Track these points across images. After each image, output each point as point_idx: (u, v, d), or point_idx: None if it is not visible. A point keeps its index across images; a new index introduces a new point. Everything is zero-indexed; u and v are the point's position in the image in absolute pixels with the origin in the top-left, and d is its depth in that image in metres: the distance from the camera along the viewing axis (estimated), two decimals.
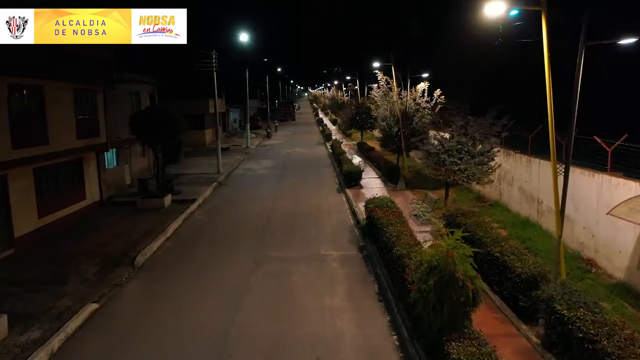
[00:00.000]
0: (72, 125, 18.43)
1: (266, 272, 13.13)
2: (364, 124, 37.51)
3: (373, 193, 22.20)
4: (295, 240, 15.90)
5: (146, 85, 27.64)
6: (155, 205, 20.63)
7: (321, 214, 19.31)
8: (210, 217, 19.54)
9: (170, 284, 12.61)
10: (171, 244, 16.06)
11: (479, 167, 13.54)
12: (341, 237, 16.04)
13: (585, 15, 8.55)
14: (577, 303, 7.68)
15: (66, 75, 17.68)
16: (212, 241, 16.18)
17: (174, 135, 20.68)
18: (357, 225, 17.38)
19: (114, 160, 23.96)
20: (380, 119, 23.78)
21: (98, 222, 18.69)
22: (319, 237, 16.24)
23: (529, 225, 15.53)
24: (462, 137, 13.65)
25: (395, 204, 14.54)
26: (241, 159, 36.12)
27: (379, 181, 25.21)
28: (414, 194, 22.02)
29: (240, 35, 30.69)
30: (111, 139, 21.82)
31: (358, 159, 33.19)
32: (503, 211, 17.67)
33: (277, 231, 17.08)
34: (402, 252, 10.48)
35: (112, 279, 12.94)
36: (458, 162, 13.41)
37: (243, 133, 51.30)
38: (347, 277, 12.68)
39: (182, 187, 24.54)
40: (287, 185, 25.76)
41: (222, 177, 27.84)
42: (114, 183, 23.42)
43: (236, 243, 15.82)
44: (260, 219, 18.67)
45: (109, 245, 15.65)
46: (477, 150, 13.54)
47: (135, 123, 20.10)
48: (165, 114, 20.40)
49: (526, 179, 16.12)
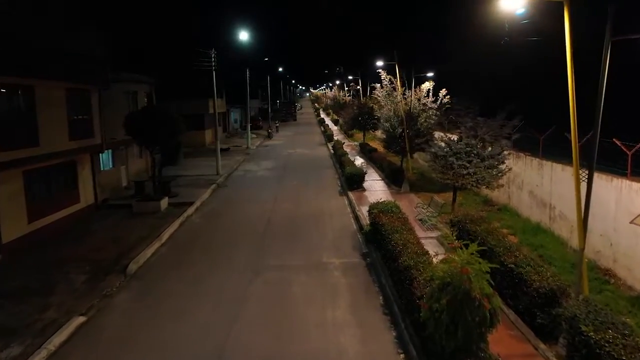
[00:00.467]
0: (64, 126, 17.76)
1: (265, 282, 12.45)
2: (366, 124, 36.81)
3: (376, 196, 21.52)
4: (296, 247, 15.22)
5: (144, 85, 26.99)
6: (151, 208, 19.98)
7: (323, 218, 18.63)
8: (207, 221, 18.87)
9: (162, 295, 11.93)
10: (166, 250, 15.39)
11: (488, 171, 12.83)
12: (343, 243, 15.36)
13: (611, 8, 7.83)
14: (605, 324, 6.98)
15: (58, 74, 17.03)
16: (208, 247, 15.50)
17: (172, 135, 20.02)
18: (360, 230, 16.69)
19: (109, 161, 23.32)
20: (384, 119, 23.08)
21: (91, 226, 18.04)
22: (320, 243, 15.56)
23: (540, 231, 14.82)
24: (471, 139, 12.92)
25: (400, 209, 13.84)
26: (241, 160, 35.45)
27: (382, 183, 24.52)
28: (418, 197, 21.34)
29: (240, 34, 30.00)
30: (106, 140, 21.17)
31: (360, 160, 32.51)
32: (512, 216, 16.97)
33: (277, 236, 16.40)
34: (409, 262, 9.79)
35: (102, 288, 12.27)
36: (467, 165, 12.70)
37: (244, 133, 50.70)
38: (350, 287, 11.99)
39: (180, 190, 23.89)
40: (287, 187, 25.08)
41: (222, 179, 27.18)
42: (109, 185, 22.78)
43: (234, 249, 15.14)
44: (259, 223, 18.00)
45: (101, 252, 14.99)
46: (487, 153, 12.82)
47: (131, 123, 19.43)
48: (162, 114, 19.74)
49: (537, 183, 15.41)
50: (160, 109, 20.16)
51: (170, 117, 19.74)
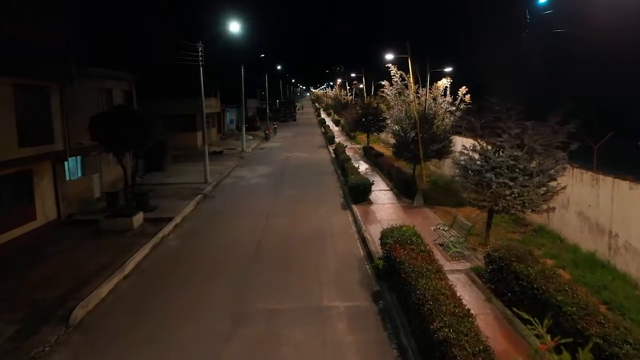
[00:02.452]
0: (12, 130, 14.77)
1: (245, 340, 9.42)
2: (371, 126, 33.73)
3: (385, 211, 18.51)
4: (290, 281, 12.22)
5: (121, 82, 23.93)
6: (122, 226, 16.99)
7: (323, 240, 15.61)
8: (185, 244, 15.85)
9: (109, 358, 8.93)
10: (127, 287, 12.37)
11: (537, 191, 9.79)
12: (349, 277, 12.34)
13: None
14: None
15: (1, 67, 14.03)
16: (180, 282, 12.49)
17: (145, 140, 17.00)
18: (368, 257, 13.70)
19: (78, 170, 20.31)
20: (394, 121, 20.03)
21: (46, 249, 15.03)
22: (320, 275, 12.54)
23: (597, 264, 11.78)
24: (515, 149, 9.84)
25: (422, 239, 10.82)
26: (234, 165, 32.43)
27: (391, 195, 21.47)
28: (433, 211, 18.31)
29: (232, 26, 26.94)
30: (71, 146, 18.19)
31: (365, 166, 29.52)
32: (553, 240, 13.93)
33: (267, 266, 13.39)
34: (447, 333, 6.77)
35: (32, 346, 9.28)
36: (510, 183, 9.66)
37: (240, 135, 47.68)
38: (359, 348, 8.97)
39: (161, 201, 20.90)
40: (283, 198, 22.06)
41: (209, 188, 24.17)
42: (78, 197, 19.77)
43: (212, 285, 12.13)
44: (247, 247, 14.99)
45: (47, 287, 12.01)
46: (536, 167, 9.72)
47: (96, 126, 16.43)
48: (133, 115, 16.74)
49: (590, 202, 12.37)
50: (129, 109, 17.15)
51: (143, 119, 16.73)
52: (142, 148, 17.32)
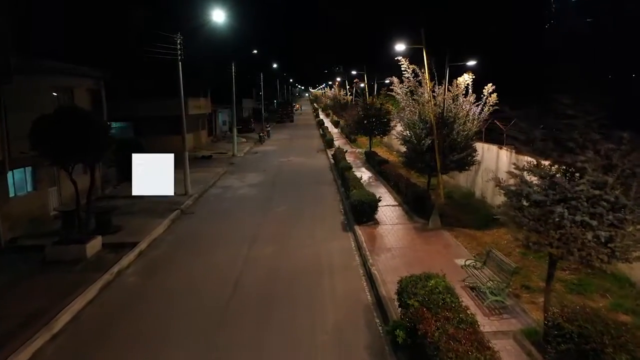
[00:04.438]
0: None
1: None
2: (373, 128, 30.43)
3: (395, 235, 15.26)
4: (272, 351, 8.94)
5: (86, 80, 20.58)
6: (73, 254, 13.75)
7: (320, 277, 12.34)
8: (144, 282, 12.55)
9: None
10: (52, 353, 9.08)
11: (635, 233, 6.61)
12: (354, 340, 9.07)
13: None
14: None
15: None
16: (124, 345, 9.21)
17: (98, 149, 13.73)
18: (376, 305, 10.47)
19: (27, 183, 16.99)
20: (406, 125, 16.75)
21: None
22: (314, 338, 9.27)
23: None
24: (600, 172, 6.61)
25: (459, 300, 7.55)
26: (222, 171, 29.13)
27: (400, 212, 18.19)
28: (454, 235, 15.06)
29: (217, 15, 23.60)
30: (13, 156, 14.94)
31: (367, 175, 26.26)
32: (620, 283, 10.71)
33: (243, 322, 10.08)
34: None
35: None
36: (593, 223, 6.45)
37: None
38: None
39: (128, 220, 17.64)
40: (273, 216, 18.78)
41: (189, 202, 20.90)
42: (27, 216, 16.49)
43: (162, 356, 8.85)
44: (221, 289, 11.71)
45: None
46: (633, 200, 6.51)
47: (38, 133, 13.18)
48: (83, 119, 13.45)
49: None
50: (78, 112, 13.84)
51: (94, 123, 13.48)
52: (95, 158, 14.05)
